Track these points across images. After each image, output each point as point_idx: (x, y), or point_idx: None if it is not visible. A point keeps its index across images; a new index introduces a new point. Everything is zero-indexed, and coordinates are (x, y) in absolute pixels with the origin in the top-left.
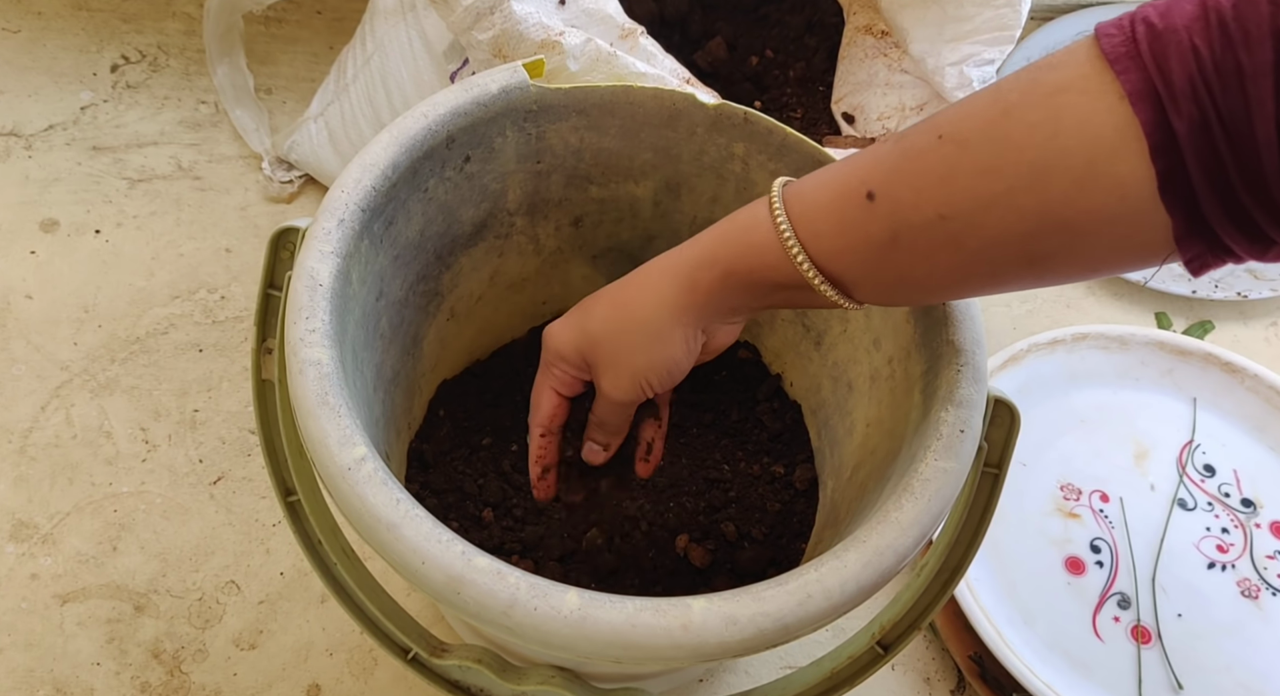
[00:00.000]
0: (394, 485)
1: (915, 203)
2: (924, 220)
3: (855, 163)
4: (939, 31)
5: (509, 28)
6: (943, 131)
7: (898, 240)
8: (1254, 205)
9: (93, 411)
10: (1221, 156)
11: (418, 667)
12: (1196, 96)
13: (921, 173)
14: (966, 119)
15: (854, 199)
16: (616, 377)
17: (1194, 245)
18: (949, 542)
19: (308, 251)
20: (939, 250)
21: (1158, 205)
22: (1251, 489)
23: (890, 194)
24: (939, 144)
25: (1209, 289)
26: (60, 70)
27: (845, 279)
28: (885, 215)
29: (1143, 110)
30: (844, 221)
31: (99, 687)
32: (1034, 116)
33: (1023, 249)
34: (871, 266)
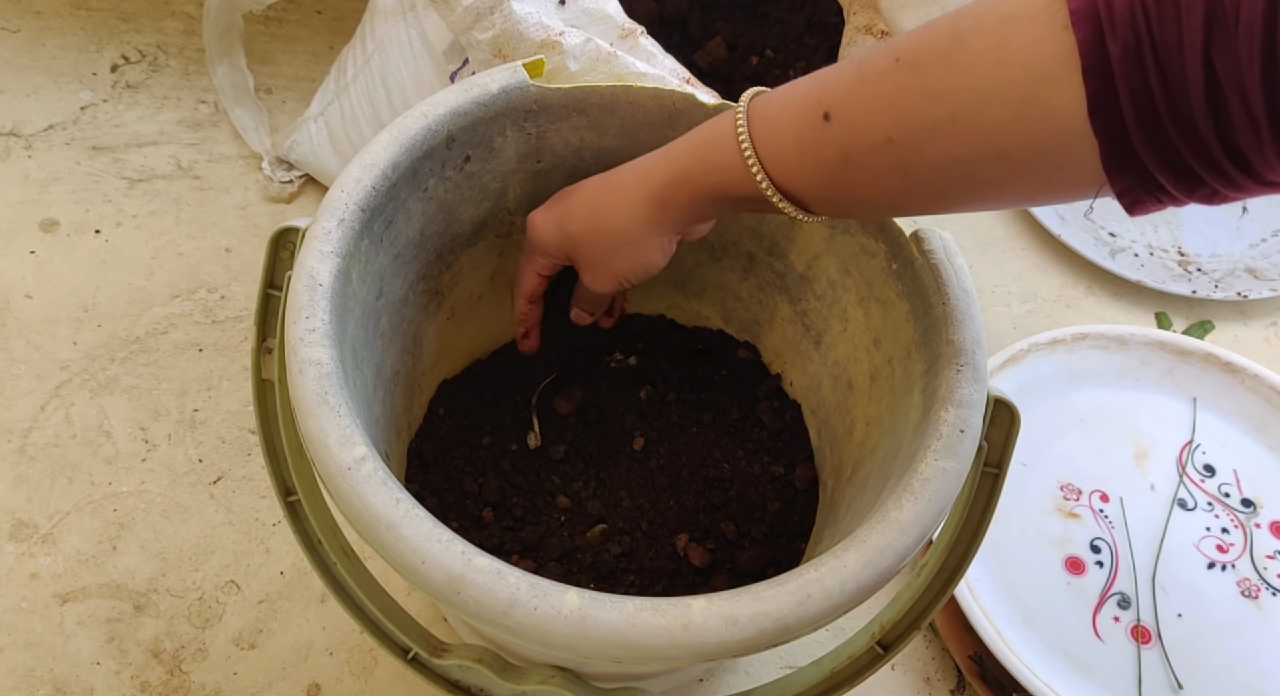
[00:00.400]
0: (394, 485)
1: (866, 125)
2: (873, 143)
3: (819, 81)
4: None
5: (509, 27)
6: (900, 54)
7: (849, 161)
8: (1180, 139)
9: (92, 411)
10: (1151, 86)
11: (418, 667)
12: (1134, 22)
13: (874, 96)
14: (923, 43)
15: (811, 120)
16: (597, 276)
17: (1124, 177)
18: (949, 542)
19: (308, 251)
20: (886, 172)
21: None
22: (1251, 489)
23: (844, 116)
24: (894, 67)
25: (1209, 289)
26: (60, 70)
27: (802, 196)
28: (838, 137)
29: (1081, 29)
30: (801, 142)
31: (99, 687)
32: (983, 43)
33: (964, 174)
34: (825, 185)
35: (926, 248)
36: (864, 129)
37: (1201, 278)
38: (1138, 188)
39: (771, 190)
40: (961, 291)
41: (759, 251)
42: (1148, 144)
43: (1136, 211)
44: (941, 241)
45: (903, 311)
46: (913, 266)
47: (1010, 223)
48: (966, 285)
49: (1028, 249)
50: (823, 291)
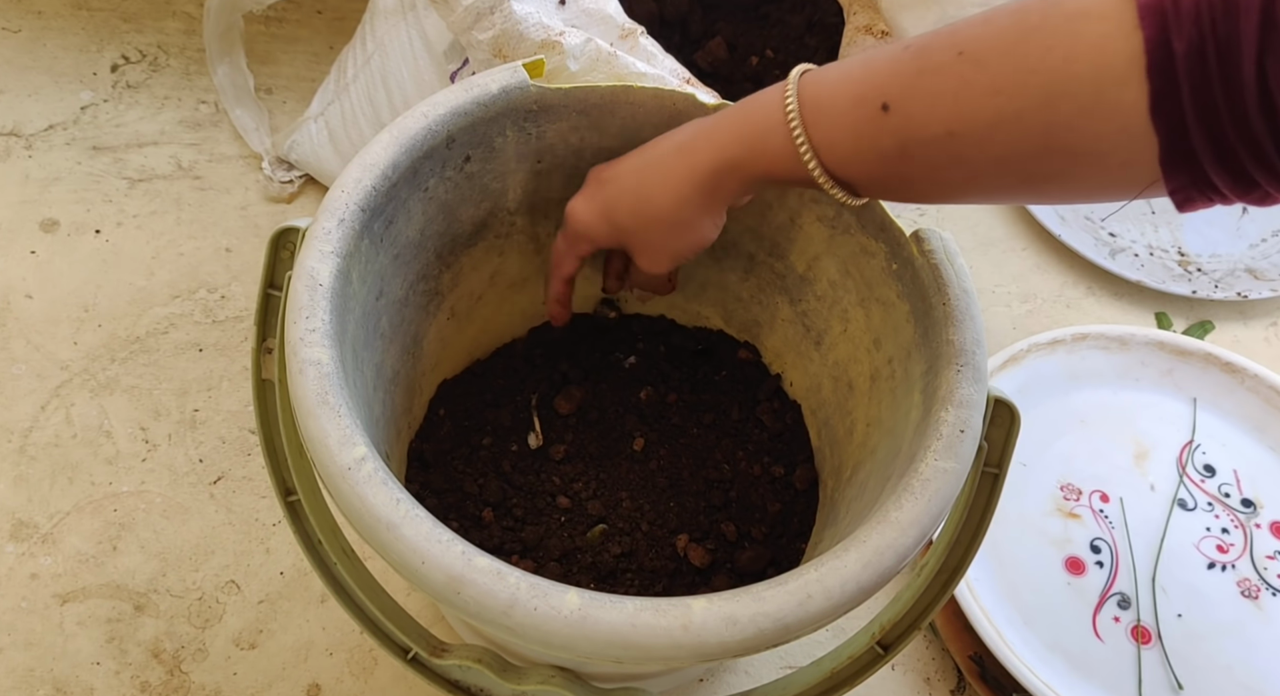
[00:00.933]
0: (394, 485)
1: (926, 118)
2: (933, 136)
3: (873, 69)
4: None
5: (509, 27)
6: (963, 48)
7: (906, 153)
8: (1238, 140)
9: (93, 411)
10: (1212, 84)
11: (418, 667)
12: (1199, 20)
13: (936, 89)
14: (987, 36)
15: (869, 110)
16: (654, 259)
17: (1179, 175)
18: (949, 542)
19: (308, 251)
20: (944, 165)
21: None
22: (1251, 489)
23: (904, 108)
24: (957, 61)
25: (1209, 289)
26: (60, 70)
27: (854, 182)
28: (897, 128)
29: (1148, 26)
30: (857, 131)
31: (99, 687)
32: (1051, 40)
33: (1024, 169)
34: (879, 174)
35: (927, 248)
36: (924, 122)
37: (1202, 278)
38: (1190, 187)
39: (825, 178)
40: (962, 291)
41: (759, 252)
42: (1207, 143)
43: (1186, 209)
44: (942, 241)
45: (903, 312)
46: (913, 267)
47: (1010, 223)
48: (967, 285)
49: (1028, 249)
50: (823, 292)
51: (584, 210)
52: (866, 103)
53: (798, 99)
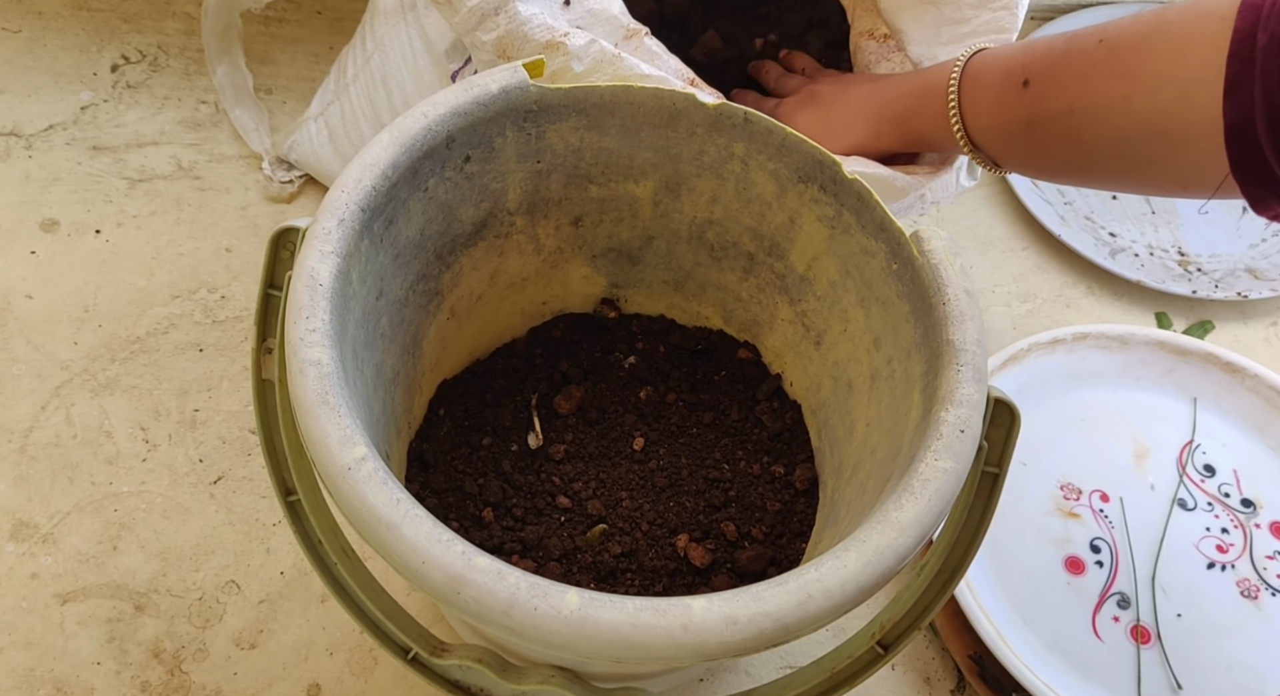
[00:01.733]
0: (394, 485)
1: (1056, 94)
2: (1057, 110)
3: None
4: (936, 33)
5: (514, 28)
6: (1105, 35)
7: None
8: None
9: (93, 411)
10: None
11: (418, 667)
12: None
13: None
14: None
15: (1013, 83)
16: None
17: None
18: (949, 542)
19: (308, 251)
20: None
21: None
22: (1251, 489)
23: (1040, 84)
24: (1097, 47)
25: (1209, 289)
26: (60, 70)
27: (992, 152)
28: (1030, 102)
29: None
30: (999, 102)
31: (99, 687)
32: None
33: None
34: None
35: (927, 248)
36: (1053, 96)
37: (1202, 277)
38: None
39: (965, 142)
40: (962, 291)
41: (759, 252)
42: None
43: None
44: (942, 241)
45: (903, 312)
46: (913, 267)
47: (1010, 223)
48: (967, 285)
49: (1028, 249)
50: (823, 292)
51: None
52: (1012, 77)
53: (963, 68)
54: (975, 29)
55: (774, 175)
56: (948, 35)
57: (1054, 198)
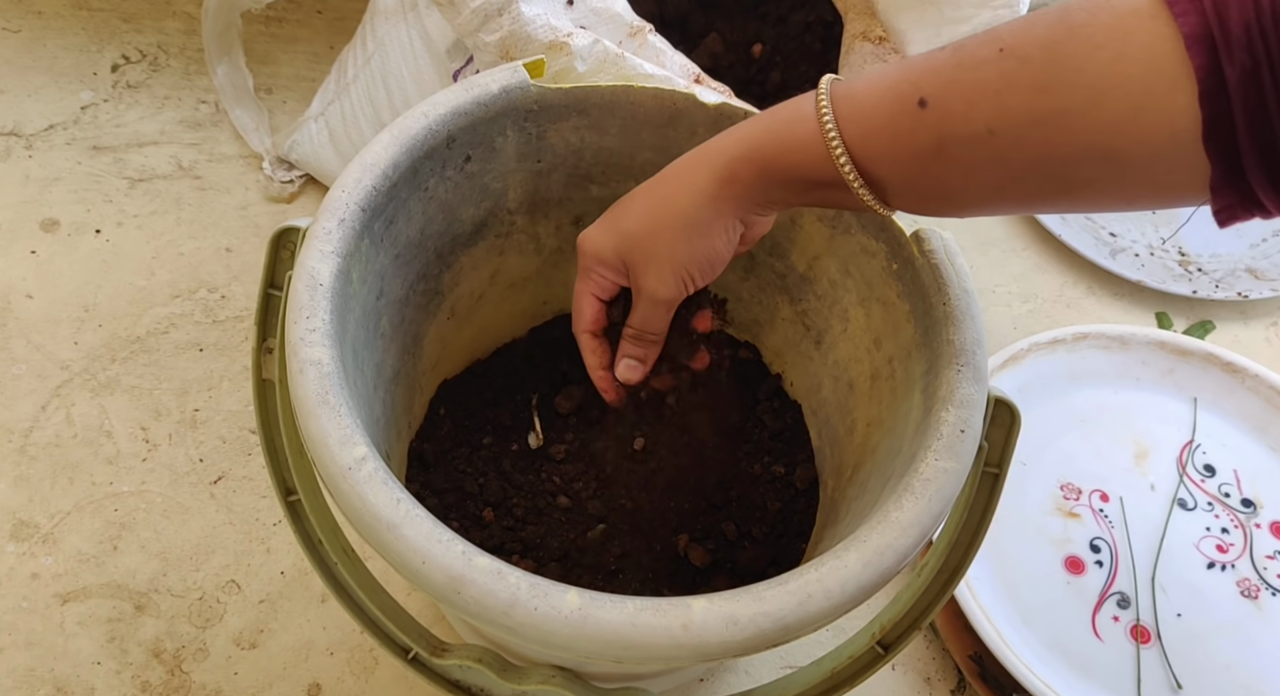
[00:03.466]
0: (394, 485)
1: (966, 114)
2: (972, 133)
3: (909, 67)
4: (936, 33)
5: (517, 29)
6: (1004, 44)
7: (943, 151)
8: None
9: (93, 411)
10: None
11: (418, 667)
12: (1251, 46)
13: (977, 84)
14: (1029, 33)
15: (905, 104)
16: (660, 274)
17: (1227, 195)
18: (949, 542)
19: (308, 251)
20: (982, 165)
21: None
22: (1251, 489)
23: (943, 104)
24: (999, 57)
25: (1210, 289)
26: (61, 70)
27: (884, 183)
28: (934, 124)
29: (1197, 55)
30: (892, 126)
31: (99, 687)
32: (1100, 37)
33: (1064, 173)
34: (912, 174)
35: (927, 248)
36: (964, 118)
37: (1202, 278)
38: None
39: (853, 174)
40: (962, 291)
41: (759, 251)
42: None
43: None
44: (942, 241)
45: (903, 311)
46: (913, 266)
47: (1011, 223)
48: (967, 285)
49: (1028, 249)
50: (823, 291)
51: (592, 232)
52: (903, 98)
53: (831, 92)
54: (976, 28)
55: None
56: (948, 35)
57: None
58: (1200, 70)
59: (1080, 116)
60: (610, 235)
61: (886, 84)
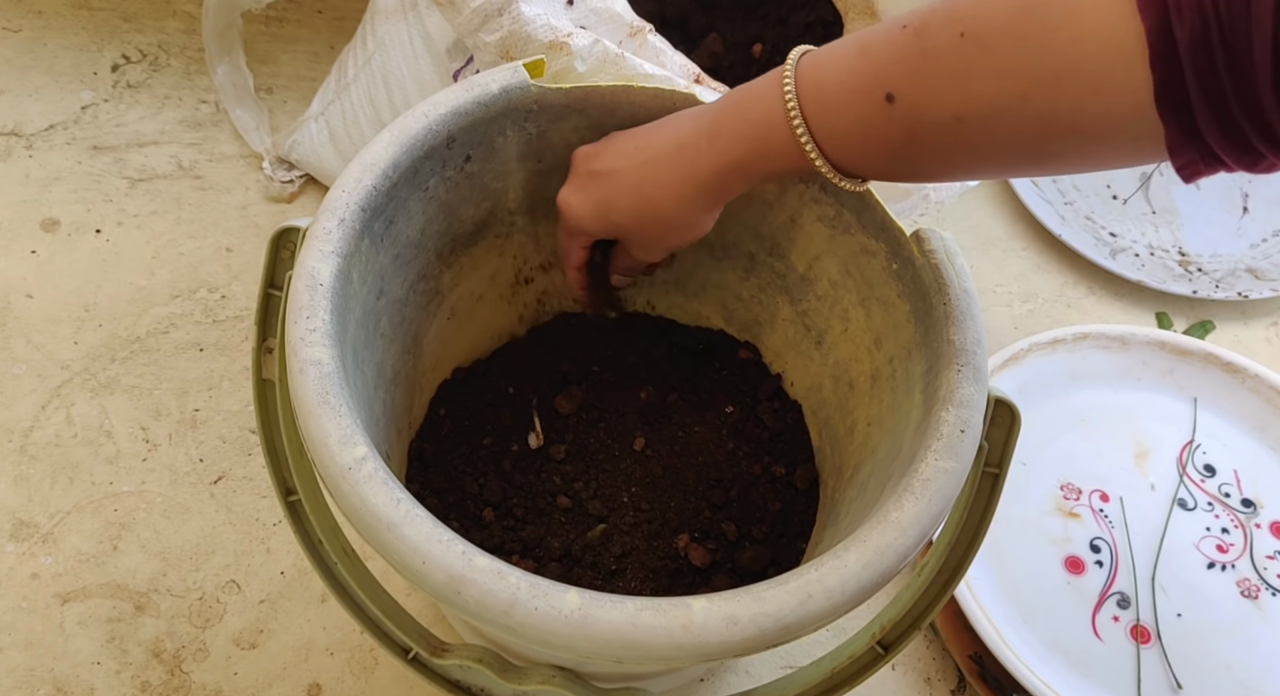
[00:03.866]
0: (394, 485)
1: (932, 104)
2: (940, 120)
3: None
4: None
5: (517, 29)
6: (964, 28)
7: (913, 139)
8: (1245, 119)
9: (93, 410)
10: (1217, 69)
11: (418, 667)
12: (1201, 7)
13: (940, 73)
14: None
15: (873, 100)
16: (648, 251)
17: (1186, 152)
18: (949, 542)
19: (308, 251)
20: (952, 149)
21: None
22: (1252, 489)
23: (909, 97)
24: (960, 42)
25: (1210, 289)
26: (61, 69)
27: (861, 171)
28: (903, 117)
29: (1148, 17)
30: (863, 123)
31: (99, 687)
32: (1057, 18)
33: (1031, 150)
34: (886, 162)
35: (927, 248)
36: (930, 107)
37: (1202, 278)
38: (1198, 161)
39: (831, 172)
40: (962, 291)
41: (760, 251)
42: (1213, 124)
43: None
44: (942, 241)
45: (903, 311)
46: (913, 266)
47: (1011, 223)
48: (967, 285)
49: (1028, 249)
50: (824, 292)
51: (578, 205)
52: (870, 93)
53: (796, 92)
54: None
55: None
56: None
57: (1054, 198)
58: (1151, 33)
59: (1043, 99)
60: (600, 220)
61: (851, 80)
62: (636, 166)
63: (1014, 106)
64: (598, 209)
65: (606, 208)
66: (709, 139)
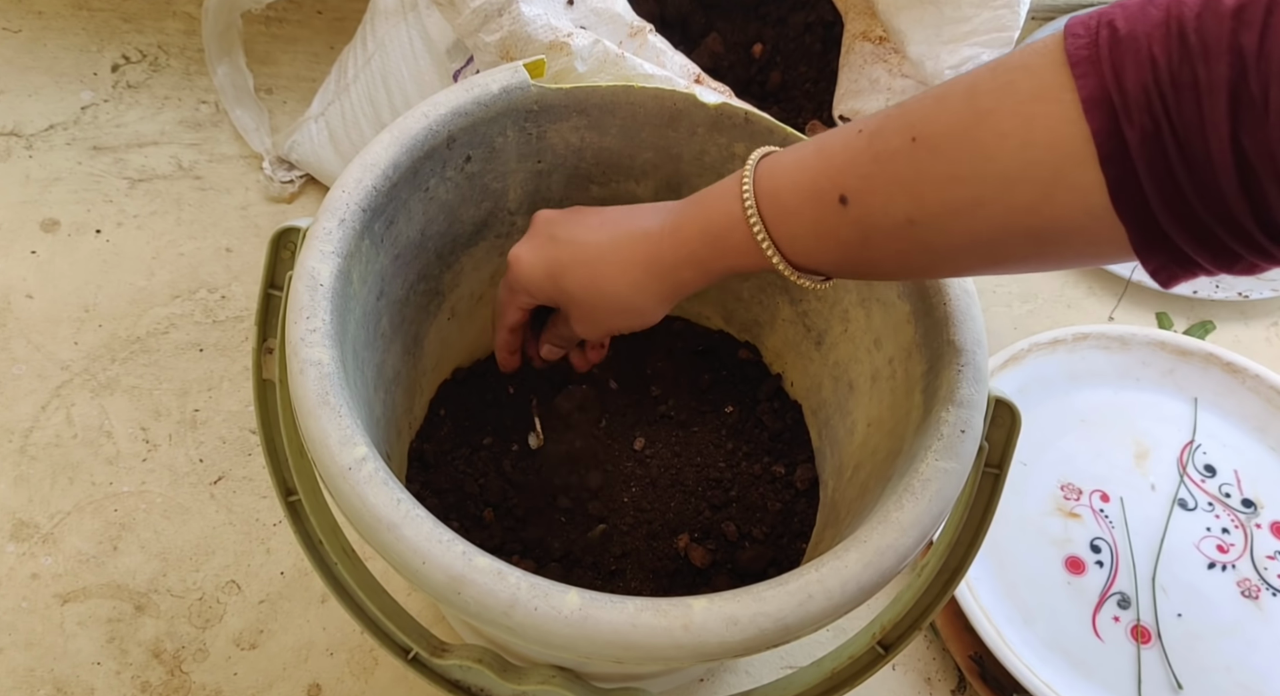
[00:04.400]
0: (395, 485)
1: (885, 207)
2: (893, 223)
3: (828, 157)
4: (937, 33)
5: (517, 29)
6: (916, 133)
7: (868, 241)
8: (1211, 219)
9: (93, 411)
10: (1174, 169)
11: (418, 667)
12: (1150, 107)
13: (892, 178)
14: (939, 120)
15: (827, 203)
16: (590, 328)
17: (1155, 256)
18: (949, 543)
19: (308, 251)
20: (908, 251)
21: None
22: (1252, 489)
23: (861, 200)
24: (911, 147)
25: (1210, 289)
26: (61, 70)
27: (821, 270)
28: (856, 219)
29: (1095, 118)
30: (818, 226)
31: (99, 687)
32: (1006, 125)
33: (990, 251)
34: (844, 261)
35: None
36: (883, 211)
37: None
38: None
39: (790, 271)
40: (962, 291)
41: None
42: (1177, 225)
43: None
44: None
45: (903, 312)
46: None
47: None
48: (967, 285)
49: None
50: (823, 292)
51: (530, 264)
52: (824, 195)
53: (754, 194)
54: (976, 28)
55: None
56: (949, 34)
57: None
58: (1099, 134)
59: (995, 204)
60: (548, 282)
61: (806, 180)
62: (598, 242)
63: (967, 211)
64: (550, 271)
65: (560, 273)
66: (671, 230)
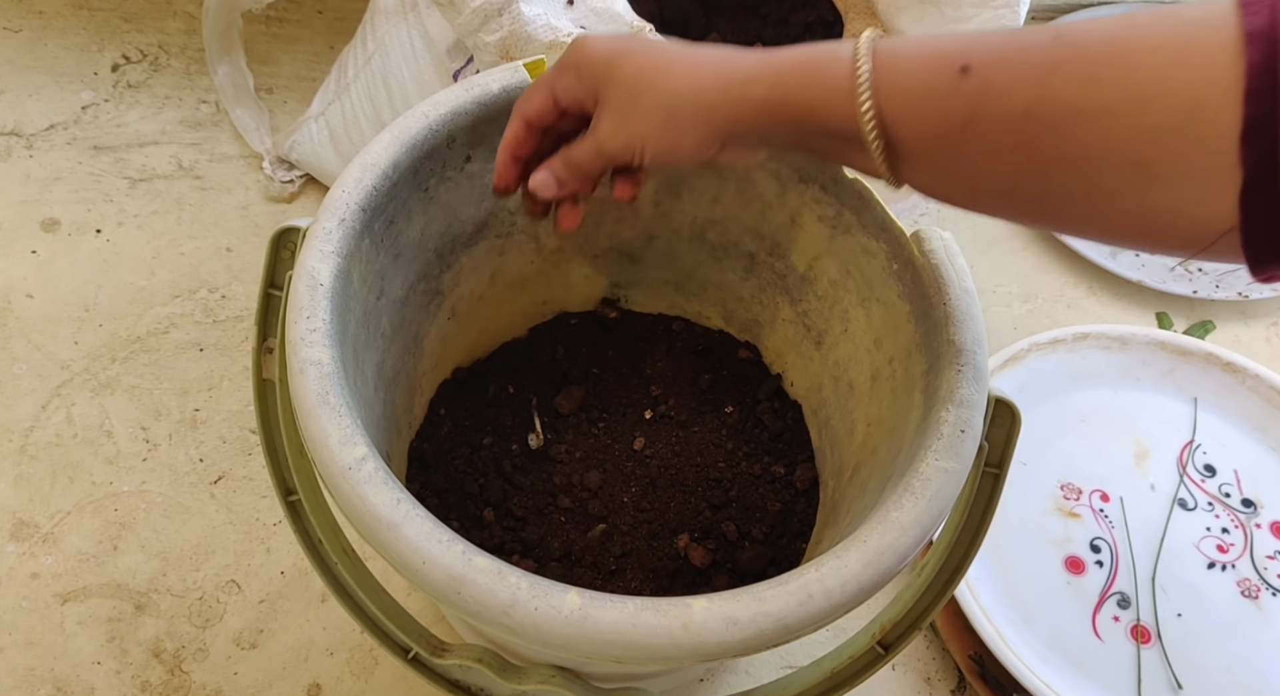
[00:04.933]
0: (394, 485)
1: (1007, 90)
2: (1008, 110)
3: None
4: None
5: (517, 29)
6: (1062, 33)
7: (973, 123)
8: None
9: (93, 410)
10: None
11: (418, 667)
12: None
13: (1025, 62)
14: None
15: (947, 67)
16: (616, 128)
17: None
18: (949, 542)
19: (308, 251)
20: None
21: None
22: (1252, 489)
23: (986, 73)
24: (1054, 42)
25: (1210, 289)
26: (61, 69)
27: (901, 149)
28: (972, 92)
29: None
30: (928, 86)
31: (99, 686)
32: (1162, 39)
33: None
34: (934, 144)
35: (927, 248)
36: (1004, 92)
37: (1202, 277)
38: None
39: (873, 128)
40: (962, 291)
41: (760, 252)
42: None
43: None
44: (942, 241)
45: (903, 312)
46: (913, 267)
47: (1010, 222)
48: (967, 285)
49: (1028, 249)
50: (824, 292)
51: (596, 43)
52: (946, 59)
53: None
54: (976, 28)
55: (775, 174)
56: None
57: None
58: (1253, 67)
59: (1123, 118)
60: (604, 59)
61: (930, 45)
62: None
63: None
64: (613, 53)
65: (620, 58)
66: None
